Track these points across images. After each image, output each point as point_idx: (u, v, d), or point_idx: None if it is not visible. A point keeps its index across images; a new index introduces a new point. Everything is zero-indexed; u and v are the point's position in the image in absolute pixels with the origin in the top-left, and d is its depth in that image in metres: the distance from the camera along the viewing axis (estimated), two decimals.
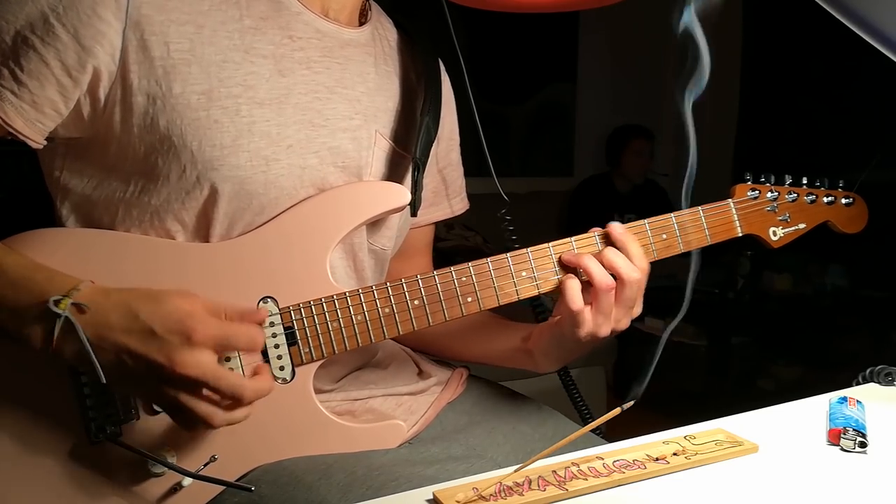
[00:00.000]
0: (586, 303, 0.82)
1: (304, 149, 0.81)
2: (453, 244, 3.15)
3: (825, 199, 0.96)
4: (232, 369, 0.76)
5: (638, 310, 0.85)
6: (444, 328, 0.96)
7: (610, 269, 0.82)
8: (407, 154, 0.91)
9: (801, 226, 0.96)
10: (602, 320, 0.82)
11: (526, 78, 4.11)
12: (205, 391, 0.68)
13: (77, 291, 0.68)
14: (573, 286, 0.82)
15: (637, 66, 4.13)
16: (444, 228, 3.17)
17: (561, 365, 0.94)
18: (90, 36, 0.71)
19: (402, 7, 1.01)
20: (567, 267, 0.84)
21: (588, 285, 0.82)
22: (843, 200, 0.97)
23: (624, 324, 0.84)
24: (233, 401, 0.70)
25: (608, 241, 0.85)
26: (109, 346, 0.68)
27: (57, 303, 0.67)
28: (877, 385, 0.90)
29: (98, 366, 0.67)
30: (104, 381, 0.67)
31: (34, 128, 0.73)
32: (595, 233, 0.86)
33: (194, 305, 0.69)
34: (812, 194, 0.96)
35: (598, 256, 0.82)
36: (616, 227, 0.85)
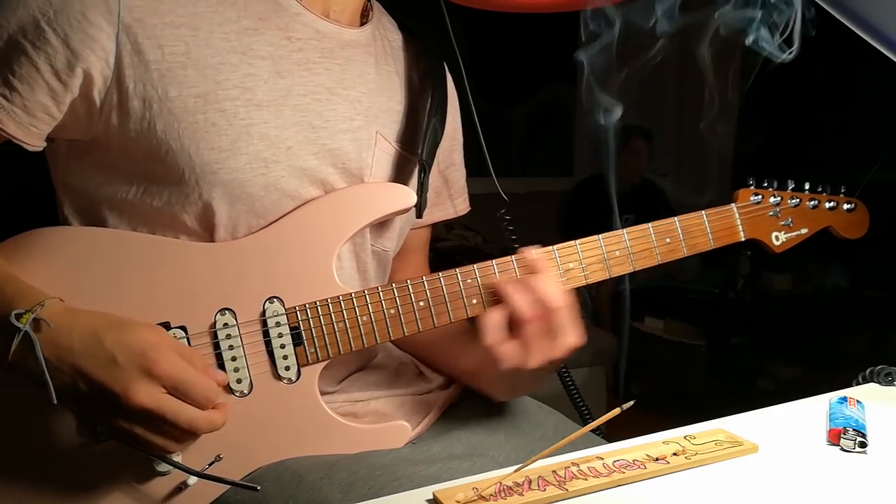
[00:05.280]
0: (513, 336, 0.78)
1: (304, 150, 0.81)
2: (453, 244, 3.15)
3: (827, 205, 0.97)
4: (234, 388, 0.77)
5: (574, 337, 0.79)
6: (427, 338, 0.96)
7: (535, 295, 0.78)
8: (412, 155, 0.91)
9: (804, 231, 0.96)
10: (528, 354, 0.77)
11: (526, 78, 4.11)
12: (160, 424, 0.69)
13: (41, 307, 0.69)
14: (489, 321, 0.78)
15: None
16: (444, 228, 3.17)
17: (512, 395, 0.89)
18: (80, 40, 0.72)
19: (402, 7, 1.02)
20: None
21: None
22: (845, 206, 0.97)
23: (556, 354, 0.78)
24: (188, 434, 0.71)
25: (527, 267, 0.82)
26: (67, 367, 0.68)
27: (18, 317, 0.67)
28: (877, 385, 0.90)
29: (51, 385, 0.67)
30: (55, 401, 0.67)
31: (28, 132, 0.74)
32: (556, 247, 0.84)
33: (161, 339, 0.70)
34: (814, 199, 0.96)
35: (523, 283, 0.79)
36: (533, 253, 0.82)
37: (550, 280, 0.79)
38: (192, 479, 0.76)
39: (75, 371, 0.68)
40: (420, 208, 0.89)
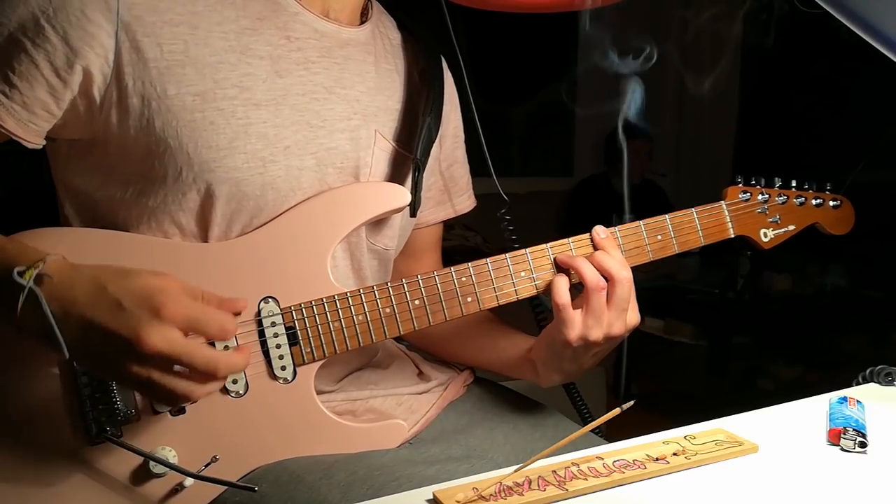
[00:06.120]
0: (578, 306, 0.82)
1: (302, 150, 0.81)
2: (453, 244, 3.15)
3: (813, 202, 0.98)
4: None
5: (633, 316, 0.84)
6: (454, 332, 0.96)
7: (600, 269, 0.82)
8: (409, 154, 0.91)
9: (791, 227, 0.97)
10: (593, 322, 0.81)
11: (526, 78, 4.11)
12: (177, 367, 0.67)
13: (43, 263, 0.67)
14: (559, 281, 0.83)
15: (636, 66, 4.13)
16: (444, 228, 3.17)
17: (562, 378, 0.91)
18: (79, 37, 0.72)
19: (402, 7, 1.02)
20: (562, 268, 0.85)
21: (581, 288, 0.82)
22: (831, 203, 0.99)
23: (617, 328, 0.82)
24: (207, 375, 0.68)
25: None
26: (75, 320, 0.66)
27: (21, 273, 0.66)
28: (877, 385, 0.90)
29: (61, 340, 0.65)
30: (67, 356, 0.66)
31: (27, 129, 0.74)
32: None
33: (167, 282, 0.68)
34: (801, 196, 0.98)
35: (589, 258, 0.83)
36: (599, 232, 0.86)
37: (613, 256, 0.83)
38: (189, 481, 0.76)
39: (84, 322, 0.66)
40: (414, 207, 0.88)
